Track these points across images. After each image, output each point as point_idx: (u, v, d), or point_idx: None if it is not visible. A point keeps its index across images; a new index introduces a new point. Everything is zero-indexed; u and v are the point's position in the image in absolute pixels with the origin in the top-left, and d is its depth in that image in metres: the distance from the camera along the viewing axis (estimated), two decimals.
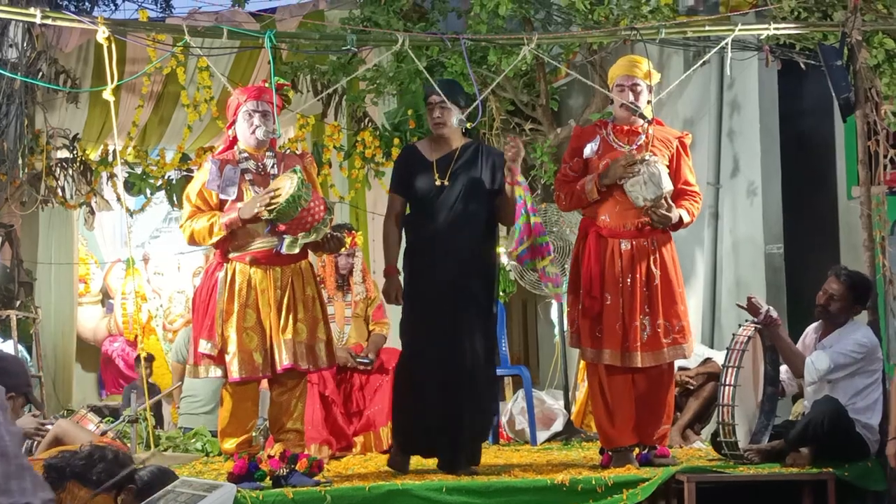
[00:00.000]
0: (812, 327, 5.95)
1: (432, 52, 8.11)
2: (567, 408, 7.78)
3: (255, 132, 5.58)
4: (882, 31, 7.21)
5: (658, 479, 5.04)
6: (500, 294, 8.33)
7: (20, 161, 9.32)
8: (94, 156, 10.00)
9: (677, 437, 6.67)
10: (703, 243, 8.29)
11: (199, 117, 9.39)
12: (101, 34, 5.70)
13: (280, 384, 5.59)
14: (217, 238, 5.47)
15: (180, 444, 7.07)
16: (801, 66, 7.31)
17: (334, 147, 9.87)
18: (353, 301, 6.97)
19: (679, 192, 5.58)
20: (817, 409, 5.49)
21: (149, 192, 9.92)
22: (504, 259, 7.60)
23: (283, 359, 5.45)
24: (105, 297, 12.72)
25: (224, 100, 7.04)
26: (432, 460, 5.60)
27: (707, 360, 7.02)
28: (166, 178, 9.84)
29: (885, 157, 6.20)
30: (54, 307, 11.02)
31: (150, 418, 6.81)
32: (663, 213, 5.42)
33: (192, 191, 5.60)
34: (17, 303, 9.52)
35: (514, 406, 7.70)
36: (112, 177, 9.69)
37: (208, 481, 4.54)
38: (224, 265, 5.55)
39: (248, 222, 5.42)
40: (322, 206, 5.36)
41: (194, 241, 5.60)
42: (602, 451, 5.65)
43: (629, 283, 5.47)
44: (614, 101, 5.69)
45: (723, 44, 6.33)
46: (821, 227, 7.96)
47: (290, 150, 8.80)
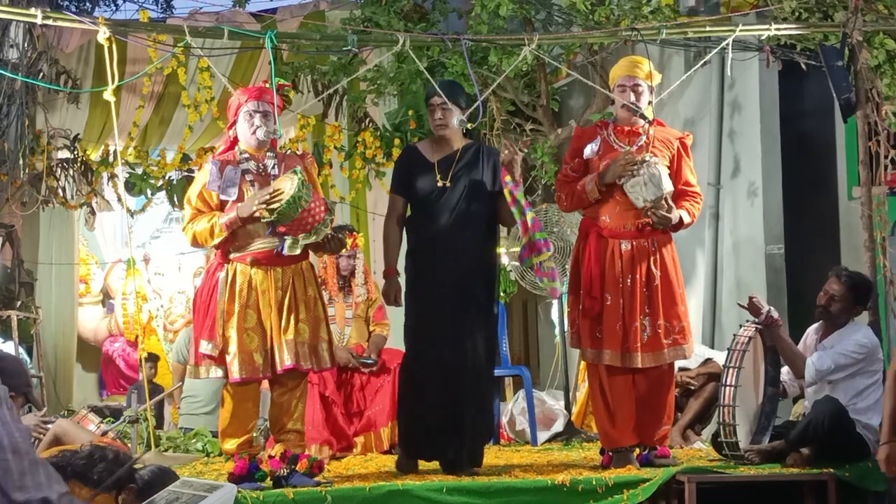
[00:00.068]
0: (813, 328, 5.94)
1: (433, 53, 8.11)
2: (567, 408, 7.78)
3: (255, 132, 5.58)
4: (883, 32, 7.21)
5: (659, 480, 5.03)
6: (501, 294, 8.33)
7: (21, 161, 9.31)
8: (95, 156, 9.99)
9: (678, 437, 6.67)
10: (704, 244, 8.28)
11: (199, 118, 9.39)
12: (102, 35, 5.71)
13: (280, 385, 5.59)
14: (219, 239, 5.47)
15: (181, 444, 7.07)
16: (802, 66, 7.32)
17: (335, 147, 9.86)
18: (355, 303, 6.97)
19: (679, 192, 5.58)
20: (818, 410, 5.48)
21: (149, 192, 9.90)
22: (505, 259, 7.60)
23: (284, 359, 5.44)
24: (106, 298, 12.69)
25: (225, 100, 7.05)
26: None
27: (708, 360, 7.02)
28: (167, 178, 9.84)
29: (886, 157, 6.21)
30: (55, 307, 10.99)
31: (152, 419, 6.81)
32: (663, 213, 5.42)
33: (192, 193, 5.61)
34: (18, 303, 9.52)
35: (514, 406, 7.69)
36: (113, 177, 9.69)
37: (209, 482, 4.52)
38: (225, 266, 5.55)
39: (247, 221, 5.41)
40: (323, 207, 5.36)
41: (197, 244, 5.63)
42: (602, 451, 5.64)
43: (629, 284, 5.46)
44: (615, 102, 5.69)
45: (723, 44, 6.33)
46: (821, 228, 7.95)
47: (291, 151, 8.81)
